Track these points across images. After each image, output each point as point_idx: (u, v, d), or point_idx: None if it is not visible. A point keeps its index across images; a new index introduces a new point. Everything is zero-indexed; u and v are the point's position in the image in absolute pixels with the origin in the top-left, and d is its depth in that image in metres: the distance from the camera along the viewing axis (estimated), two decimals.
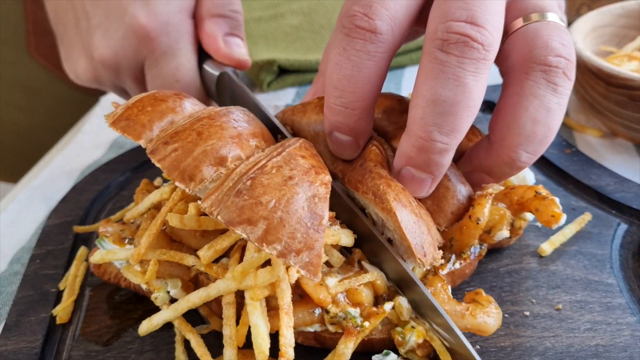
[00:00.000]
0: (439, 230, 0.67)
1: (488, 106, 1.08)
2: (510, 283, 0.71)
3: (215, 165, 0.59)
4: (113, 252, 0.68)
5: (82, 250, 0.81)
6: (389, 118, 0.71)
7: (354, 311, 0.60)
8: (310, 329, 0.61)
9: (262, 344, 0.54)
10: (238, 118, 0.65)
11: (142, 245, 0.64)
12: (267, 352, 0.55)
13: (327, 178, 0.59)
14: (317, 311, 0.61)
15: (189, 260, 0.64)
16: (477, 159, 0.67)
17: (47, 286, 0.77)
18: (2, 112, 1.50)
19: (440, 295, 0.62)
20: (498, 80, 0.69)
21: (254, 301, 0.57)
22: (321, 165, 0.61)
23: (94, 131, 1.20)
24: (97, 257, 0.68)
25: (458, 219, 0.67)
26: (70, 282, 0.76)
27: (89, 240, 0.85)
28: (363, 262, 0.64)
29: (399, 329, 0.61)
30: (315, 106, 0.73)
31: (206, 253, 0.61)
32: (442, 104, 0.55)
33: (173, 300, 0.68)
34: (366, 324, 0.59)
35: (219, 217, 0.54)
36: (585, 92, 0.99)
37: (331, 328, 0.61)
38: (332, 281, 0.60)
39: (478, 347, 0.64)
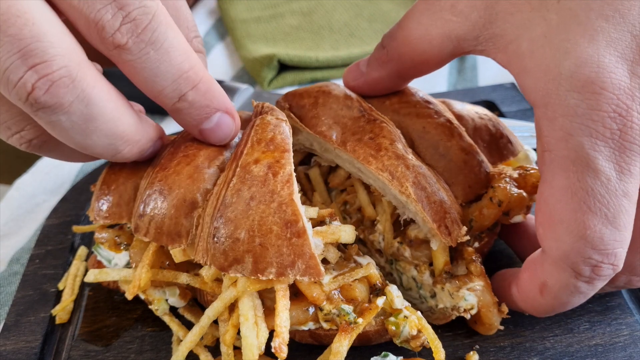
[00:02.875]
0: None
1: (487, 106, 1.08)
2: None
3: (190, 212, 0.59)
4: (106, 273, 0.67)
5: (81, 250, 0.81)
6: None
7: (348, 308, 0.60)
8: (305, 328, 0.61)
9: (250, 356, 0.54)
10: (187, 149, 0.63)
11: (137, 277, 0.63)
12: None
13: (287, 171, 0.57)
14: (312, 309, 0.61)
15: (183, 278, 0.64)
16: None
17: (47, 286, 0.77)
18: None
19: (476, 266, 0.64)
20: (499, 80, 0.69)
21: (247, 294, 0.57)
22: (278, 156, 0.58)
23: None
24: (90, 277, 0.67)
25: (475, 193, 0.66)
26: (70, 282, 0.76)
27: (88, 240, 0.85)
28: (356, 257, 0.64)
29: (392, 319, 0.61)
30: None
31: (208, 272, 0.61)
32: None
33: (172, 309, 0.68)
34: (360, 320, 0.59)
35: (212, 267, 0.56)
36: None
37: (325, 325, 0.61)
38: (326, 278, 0.60)
39: (477, 346, 0.65)
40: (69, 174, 1.05)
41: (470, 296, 0.63)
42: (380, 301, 0.60)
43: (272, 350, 0.53)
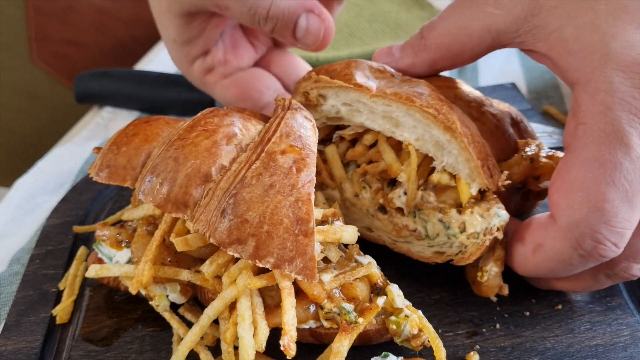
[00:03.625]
0: None
1: None
2: (511, 283, 0.71)
3: (202, 184, 0.59)
4: (107, 269, 0.67)
5: (82, 250, 0.81)
6: None
7: (348, 306, 0.60)
8: (305, 326, 0.61)
9: (245, 356, 0.54)
10: (207, 125, 0.64)
11: (140, 273, 0.62)
12: None
13: (311, 172, 0.57)
14: (312, 307, 0.61)
15: (184, 275, 0.63)
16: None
17: (47, 286, 0.77)
18: (4, 116, 1.51)
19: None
20: (500, 80, 0.70)
21: (245, 293, 0.58)
22: (305, 155, 0.59)
23: (93, 130, 1.20)
24: (91, 272, 0.67)
25: (504, 158, 0.68)
26: (70, 282, 0.75)
27: (88, 240, 0.85)
28: (357, 256, 0.64)
29: (393, 318, 0.61)
30: None
31: (209, 268, 0.60)
32: None
33: (173, 305, 0.68)
34: (360, 320, 0.59)
35: (210, 239, 0.55)
36: None
37: (326, 324, 0.61)
38: (327, 277, 0.60)
39: (478, 347, 0.64)
40: (69, 174, 1.05)
41: (502, 212, 0.62)
42: (380, 300, 0.60)
43: (281, 348, 0.53)
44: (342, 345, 0.57)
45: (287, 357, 0.53)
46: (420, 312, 0.61)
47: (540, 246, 0.59)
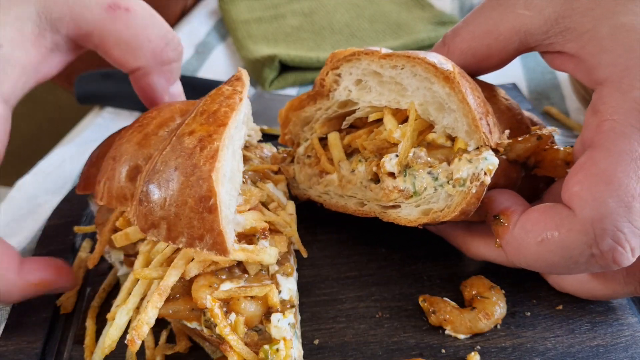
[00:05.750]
0: None
1: None
2: (511, 283, 0.71)
3: (135, 177, 0.63)
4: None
5: (86, 242, 0.81)
6: None
7: (222, 321, 0.58)
8: (190, 325, 0.61)
9: (107, 341, 0.58)
10: (144, 120, 0.67)
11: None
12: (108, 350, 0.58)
13: (214, 147, 0.58)
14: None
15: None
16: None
17: None
18: None
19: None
20: (501, 80, 0.70)
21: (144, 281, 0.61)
22: (213, 130, 0.59)
23: (94, 131, 1.20)
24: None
25: (514, 137, 0.67)
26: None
27: (90, 240, 0.85)
28: (278, 275, 0.64)
29: (266, 347, 0.59)
30: None
31: (138, 261, 0.64)
32: None
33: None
34: (232, 337, 0.57)
35: (136, 226, 0.58)
36: (586, 92, 0.99)
37: (205, 331, 0.60)
38: (227, 286, 0.60)
39: (479, 347, 0.64)
40: (70, 174, 1.06)
41: (491, 156, 0.61)
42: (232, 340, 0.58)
43: (126, 341, 0.55)
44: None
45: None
46: (295, 351, 0.60)
47: (549, 237, 0.56)
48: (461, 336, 0.65)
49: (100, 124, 1.23)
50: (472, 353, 0.63)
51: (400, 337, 0.67)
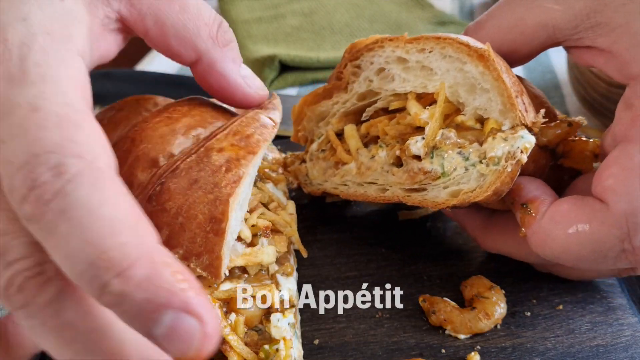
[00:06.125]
0: None
1: None
2: (511, 283, 0.71)
3: (149, 169, 0.60)
4: None
5: None
6: None
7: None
8: None
9: None
10: (173, 113, 0.64)
11: None
12: None
13: (239, 173, 0.57)
14: None
15: None
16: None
17: None
18: None
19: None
20: None
21: None
22: (242, 155, 0.59)
23: None
24: None
25: None
26: None
27: None
28: (278, 275, 0.64)
29: (266, 347, 0.59)
30: None
31: None
32: None
33: None
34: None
35: None
36: (586, 92, 0.99)
37: None
38: (227, 286, 0.60)
39: (479, 347, 0.64)
40: None
41: (528, 134, 0.58)
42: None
43: None
44: None
45: None
46: (294, 351, 0.60)
47: (579, 230, 0.54)
48: (461, 336, 0.65)
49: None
50: (472, 353, 0.63)
51: (400, 337, 0.67)
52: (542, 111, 0.61)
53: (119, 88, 1.21)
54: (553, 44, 0.62)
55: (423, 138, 0.66)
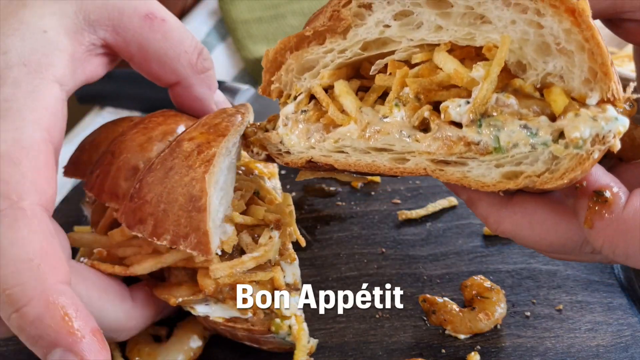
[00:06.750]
0: None
1: None
2: (511, 283, 0.71)
3: (131, 177, 0.63)
4: None
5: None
6: None
7: None
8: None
9: None
10: (149, 123, 0.68)
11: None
12: None
13: (211, 152, 0.59)
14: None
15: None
16: None
17: None
18: None
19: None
20: None
21: None
22: (212, 138, 0.61)
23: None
24: None
25: None
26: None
27: None
28: (281, 262, 0.65)
29: (277, 320, 0.61)
30: None
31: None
32: None
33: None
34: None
35: (123, 223, 0.59)
36: None
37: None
38: (223, 271, 0.60)
39: (479, 347, 0.64)
40: None
41: (622, 116, 0.47)
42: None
43: None
44: None
45: None
46: (305, 325, 0.62)
47: None
48: (461, 336, 0.65)
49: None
50: (472, 353, 0.63)
51: (400, 337, 0.67)
52: (632, 85, 0.49)
53: (119, 88, 1.21)
54: (614, 14, 0.53)
55: (468, 102, 0.52)
